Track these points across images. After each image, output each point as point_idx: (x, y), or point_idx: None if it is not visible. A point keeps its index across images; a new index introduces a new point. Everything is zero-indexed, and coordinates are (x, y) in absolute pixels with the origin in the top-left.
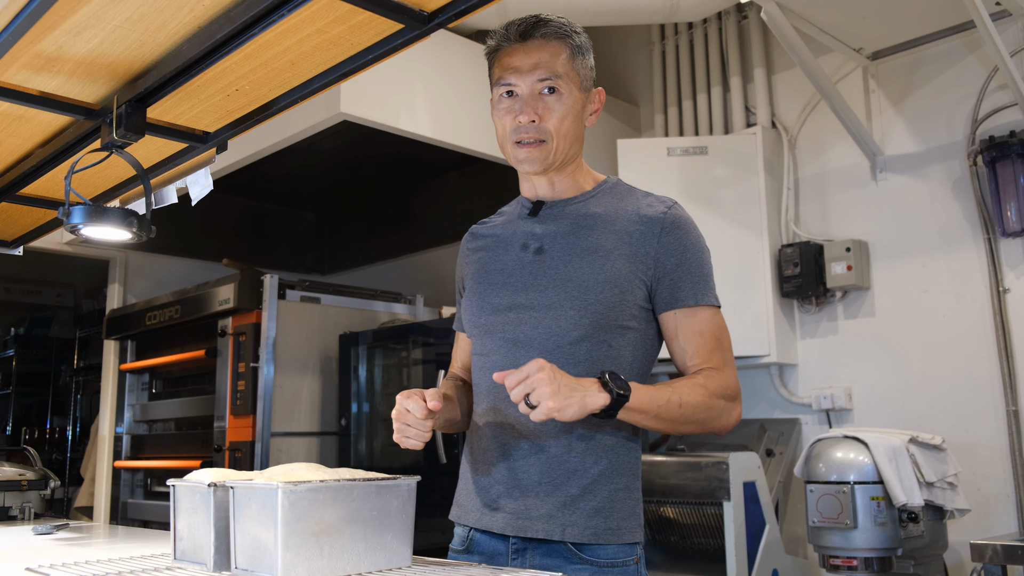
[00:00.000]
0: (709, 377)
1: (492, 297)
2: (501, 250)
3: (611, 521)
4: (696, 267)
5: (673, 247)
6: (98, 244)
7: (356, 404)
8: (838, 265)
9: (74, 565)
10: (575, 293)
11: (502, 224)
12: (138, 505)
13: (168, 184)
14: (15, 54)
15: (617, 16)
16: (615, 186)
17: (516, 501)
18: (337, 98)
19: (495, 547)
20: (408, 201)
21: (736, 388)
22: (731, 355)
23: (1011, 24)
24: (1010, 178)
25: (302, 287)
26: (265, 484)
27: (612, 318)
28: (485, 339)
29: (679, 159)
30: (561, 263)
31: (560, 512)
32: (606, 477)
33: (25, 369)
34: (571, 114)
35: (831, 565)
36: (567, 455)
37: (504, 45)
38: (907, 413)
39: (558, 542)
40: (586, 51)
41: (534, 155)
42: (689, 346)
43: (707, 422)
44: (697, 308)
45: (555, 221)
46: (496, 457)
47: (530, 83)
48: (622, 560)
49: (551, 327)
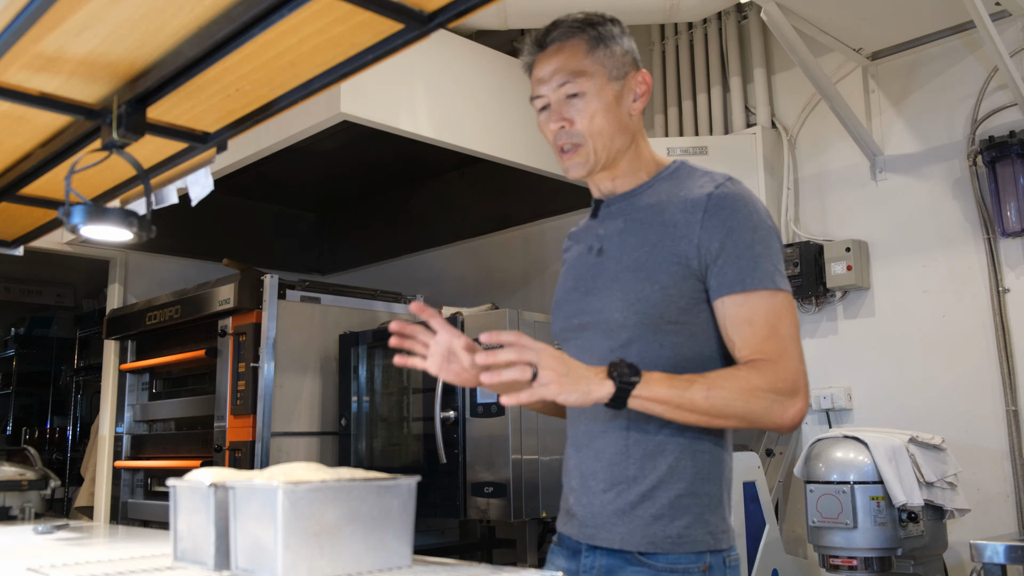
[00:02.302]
0: (756, 368)
1: (564, 305)
2: (576, 255)
3: (671, 529)
4: (744, 248)
5: (716, 230)
6: (98, 244)
7: (356, 404)
8: (838, 265)
9: (74, 565)
10: (620, 294)
11: (584, 225)
12: (138, 505)
13: (168, 184)
14: (15, 54)
15: (617, 16)
16: (677, 170)
17: (584, 508)
18: (337, 98)
19: (575, 545)
20: (408, 201)
21: (794, 381)
22: (793, 344)
23: (1011, 24)
24: (1010, 178)
25: (302, 287)
26: (265, 484)
27: (657, 315)
28: (563, 347)
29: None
30: (614, 263)
31: (619, 520)
32: (666, 482)
33: (25, 369)
34: (601, 109)
35: (831, 565)
36: (626, 461)
37: (530, 59)
38: (907, 413)
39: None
40: (609, 39)
41: (574, 160)
42: (737, 336)
43: (751, 416)
44: (747, 294)
45: (612, 220)
46: (571, 466)
47: (553, 90)
48: (683, 567)
49: (604, 331)
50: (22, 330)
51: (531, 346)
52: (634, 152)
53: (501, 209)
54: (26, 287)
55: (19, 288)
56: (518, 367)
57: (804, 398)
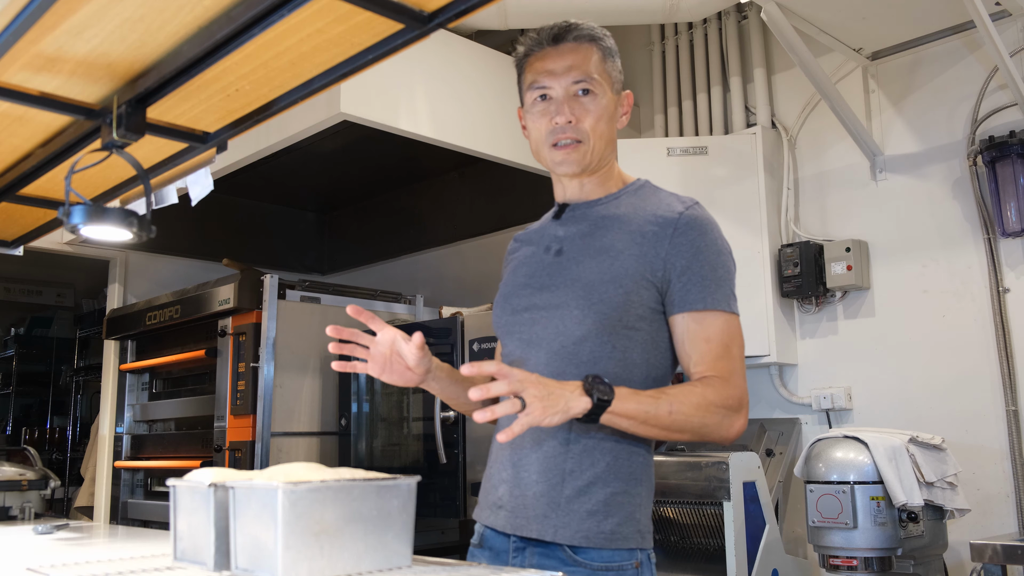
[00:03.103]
0: (710, 385)
1: (513, 299)
2: (529, 254)
3: (604, 525)
4: (708, 270)
5: (684, 248)
6: (98, 244)
7: (356, 404)
8: (838, 265)
9: (74, 565)
10: (580, 293)
11: (537, 228)
12: (138, 505)
13: (168, 184)
14: (15, 54)
15: (617, 16)
16: (642, 187)
17: (516, 500)
18: (337, 98)
19: (501, 544)
20: (408, 201)
21: (741, 399)
22: (741, 364)
23: (1011, 24)
24: (1010, 178)
25: (302, 287)
26: (265, 484)
27: (615, 318)
28: (506, 340)
29: (679, 159)
30: (574, 264)
31: (554, 513)
32: (603, 480)
33: (25, 369)
34: (605, 115)
35: (831, 565)
36: (564, 456)
37: (536, 50)
38: (907, 413)
39: (554, 543)
40: (614, 55)
41: (572, 156)
42: (695, 352)
43: (703, 431)
44: (707, 312)
45: (576, 223)
46: (504, 456)
47: (565, 85)
48: (618, 564)
49: (558, 327)
50: (22, 330)
51: (512, 375)
52: (610, 164)
53: (501, 209)
54: (26, 287)
55: (19, 288)
56: (510, 402)
57: (746, 414)
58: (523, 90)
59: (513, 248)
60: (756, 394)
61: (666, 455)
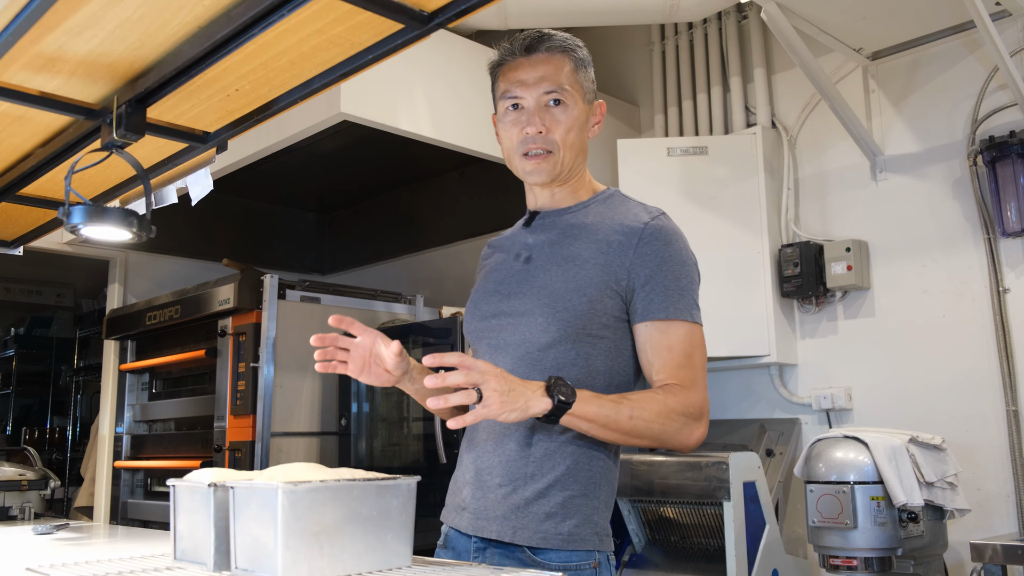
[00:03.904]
0: (672, 393)
1: (482, 304)
2: (500, 261)
3: (562, 526)
4: (672, 280)
5: (649, 258)
6: (98, 244)
7: (356, 404)
8: (838, 265)
9: (74, 565)
10: (546, 301)
11: (509, 235)
12: (138, 505)
13: (168, 184)
14: (15, 54)
15: (617, 16)
16: (611, 197)
17: (479, 501)
18: (337, 98)
19: (464, 545)
20: (408, 201)
21: (701, 407)
22: (702, 374)
23: (1011, 24)
24: (1010, 178)
25: (302, 287)
26: (265, 484)
27: (581, 326)
28: (475, 345)
29: (679, 159)
30: (541, 271)
31: (513, 514)
32: (562, 483)
33: (25, 369)
34: (576, 125)
35: (831, 565)
36: (525, 460)
37: (509, 59)
38: (907, 413)
39: (513, 544)
40: (588, 65)
41: (542, 166)
42: (657, 360)
43: (663, 437)
44: (670, 322)
45: (546, 231)
46: (468, 459)
47: (536, 95)
48: (575, 564)
49: (524, 334)
50: (22, 330)
51: (475, 367)
52: (581, 173)
53: (501, 209)
54: (26, 287)
55: (19, 288)
56: (464, 392)
57: (706, 423)
58: (496, 98)
59: (486, 254)
60: (756, 394)
61: (666, 455)
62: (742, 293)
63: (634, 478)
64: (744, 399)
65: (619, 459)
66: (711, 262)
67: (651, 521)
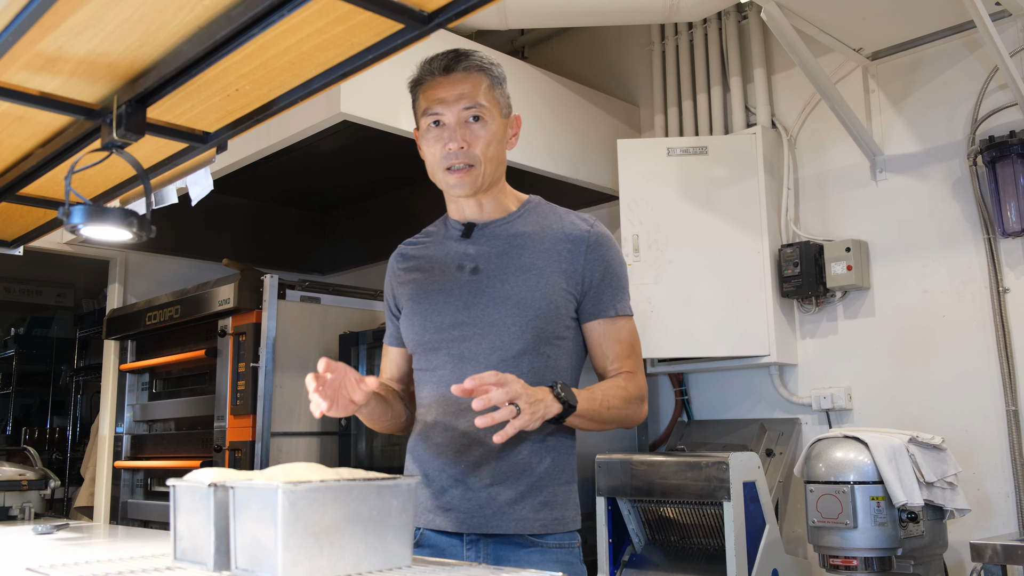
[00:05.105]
0: (628, 380)
1: (434, 316)
2: (436, 271)
3: (556, 512)
4: (616, 280)
5: (597, 263)
6: (98, 244)
7: None
8: (838, 265)
9: (74, 565)
10: (515, 310)
11: (432, 245)
12: (138, 505)
13: (168, 184)
14: (15, 54)
15: (617, 16)
16: (538, 206)
17: (469, 502)
18: (337, 98)
19: (448, 542)
20: (408, 201)
21: (645, 389)
22: (641, 359)
23: (1011, 24)
24: (1010, 178)
25: (302, 287)
26: (265, 484)
27: (549, 331)
28: (430, 355)
29: (679, 159)
30: (498, 282)
31: (512, 508)
32: (551, 474)
33: (25, 369)
34: (495, 139)
35: (831, 565)
36: (515, 456)
37: (427, 79)
38: (907, 413)
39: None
40: (503, 81)
41: (464, 180)
42: (610, 352)
43: (624, 421)
44: (617, 318)
45: (487, 242)
46: (449, 463)
47: (456, 112)
48: (568, 543)
49: (494, 342)
50: (22, 330)
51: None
52: (503, 184)
53: None
54: (26, 287)
55: (19, 288)
56: (508, 409)
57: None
58: (417, 116)
59: (405, 265)
60: (756, 394)
61: (666, 455)
62: (742, 293)
63: (634, 478)
64: (744, 399)
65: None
66: (711, 262)
67: (651, 521)
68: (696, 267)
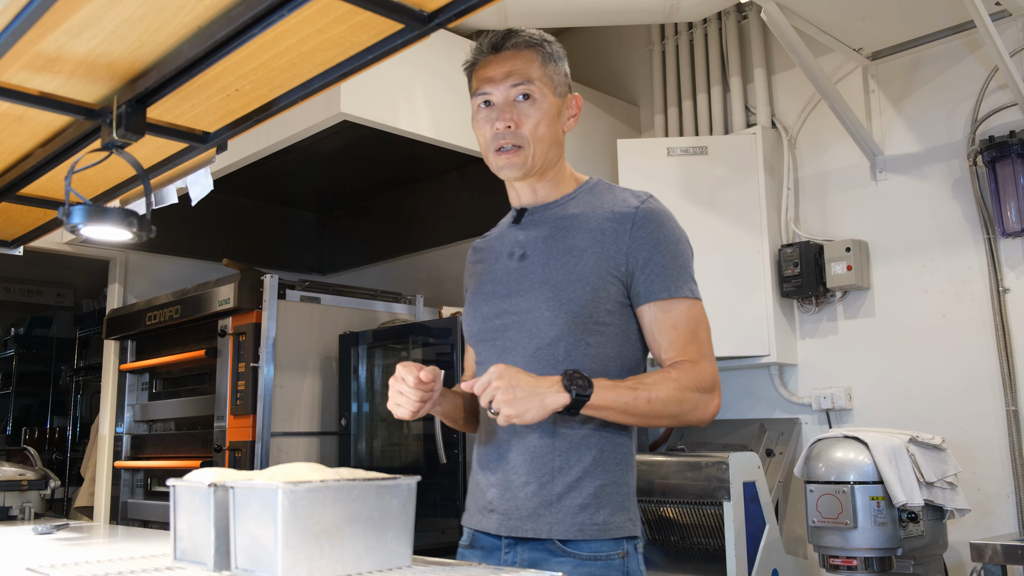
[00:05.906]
0: (683, 370)
1: (482, 306)
2: (492, 261)
3: (597, 516)
4: (669, 259)
5: (644, 241)
6: (98, 244)
7: (356, 404)
8: (838, 265)
9: (74, 565)
10: (549, 294)
11: (497, 236)
12: (138, 505)
13: (168, 184)
14: (15, 54)
15: (617, 16)
16: (596, 186)
17: (507, 502)
18: (337, 98)
19: (492, 543)
20: (408, 201)
21: (712, 380)
22: (709, 347)
23: (1011, 24)
24: (1010, 178)
25: (302, 287)
26: (265, 484)
27: (587, 316)
28: (480, 348)
29: (679, 159)
30: (540, 266)
31: (546, 511)
32: (591, 473)
33: (25, 369)
34: (546, 118)
35: (831, 565)
36: (551, 454)
37: (479, 58)
38: (907, 413)
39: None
40: (559, 58)
41: (513, 161)
42: (664, 339)
43: (681, 415)
44: (672, 300)
45: (536, 227)
46: (490, 461)
47: (504, 90)
48: (606, 554)
49: (531, 330)
50: (22, 330)
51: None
52: (559, 166)
53: (501, 209)
54: (26, 287)
55: (19, 288)
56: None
57: (719, 395)
58: (471, 97)
59: (474, 258)
60: (756, 394)
61: (666, 455)
62: (742, 293)
63: None
64: (744, 399)
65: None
66: (711, 262)
67: (651, 521)
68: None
